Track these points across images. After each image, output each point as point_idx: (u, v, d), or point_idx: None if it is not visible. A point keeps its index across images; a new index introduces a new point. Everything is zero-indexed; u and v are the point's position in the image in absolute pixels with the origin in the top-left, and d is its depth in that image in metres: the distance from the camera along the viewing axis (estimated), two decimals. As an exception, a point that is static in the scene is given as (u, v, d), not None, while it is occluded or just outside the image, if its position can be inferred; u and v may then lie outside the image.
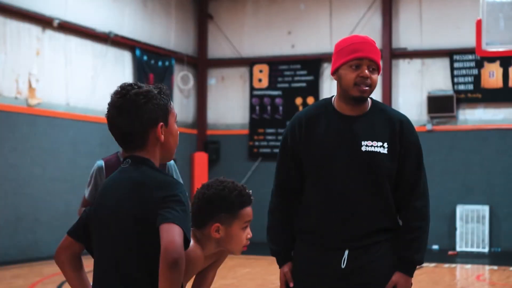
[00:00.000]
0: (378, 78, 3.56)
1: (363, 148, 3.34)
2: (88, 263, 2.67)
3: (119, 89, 2.58)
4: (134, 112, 2.53)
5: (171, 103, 2.66)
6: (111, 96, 2.59)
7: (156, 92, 2.59)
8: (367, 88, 3.34)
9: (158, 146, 2.59)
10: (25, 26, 11.79)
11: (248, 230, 2.89)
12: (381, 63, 3.44)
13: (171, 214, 2.38)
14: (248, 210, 2.88)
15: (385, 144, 3.35)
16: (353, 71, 3.34)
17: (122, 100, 2.54)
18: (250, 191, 2.93)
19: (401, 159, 3.38)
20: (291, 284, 3.49)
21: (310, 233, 3.43)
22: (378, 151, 3.34)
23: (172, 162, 4.52)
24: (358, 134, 3.36)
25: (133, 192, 2.50)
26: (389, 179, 3.36)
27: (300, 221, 3.47)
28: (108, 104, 2.57)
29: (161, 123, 2.57)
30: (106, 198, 2.58)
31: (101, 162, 4.38)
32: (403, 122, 3.41)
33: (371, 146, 3.34)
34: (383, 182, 3.34)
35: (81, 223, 2.65)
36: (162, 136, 2.58)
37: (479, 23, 7.84)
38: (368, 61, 3.35)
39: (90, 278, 2.60)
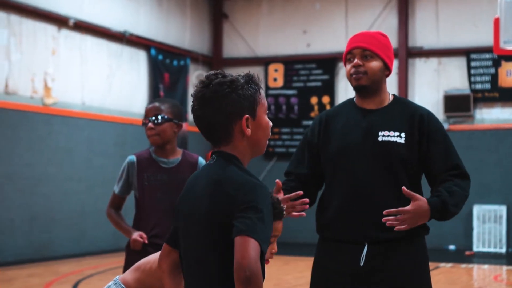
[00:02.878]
0: (394, 78, 3.58)
1: (380, 138, 3.35)
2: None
3: (203, 78, 2.44)
4: (217, 103, 2.37)
5: (261, 92, 2.46)
6: (195, 86, 2.45)
7: (243, 81, 2.41)
8: (361, 75, 3.37)
9: (244, 140, 2.41)
10: (41, 26, 11.82)
11: (274, 245, 2.83)
12: (395, 60, 3.45)
13: (246, 224, 2.21)
14: (277, 225, 2.80)
15: (402, 134, 3.35)
16: (349, 64, 3.43)
17: (205, 90, 2.39)
18: (284, 206, 2.87)
19: (425, 147, 3.35)
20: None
21: (330, 227, 3.42)
22: (394, 140, 3.34)
23: (202, 161, 4.46)
24: (376, 125, 3.38)
25: (210, 190, 2.35)
26: (406, 169, 3.33)
27: (321, 216, 3.48)
28: (192, 95, 2.44)
29: (247, 116, 2.38)
30: (187, 195, 2.45)
31: (133, 157, 4.30)
32: (423, 113, 3.41)
33: (388, 136, 3.35)
34: (398, 171, 3.32)
35: (174, 228, 2.53)
36: (248, 130, 2.39)
37: (496, 22, 7.74)
38: (361, 51, 3.40)
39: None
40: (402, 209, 3.18)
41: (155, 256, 3.02)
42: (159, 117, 4.19)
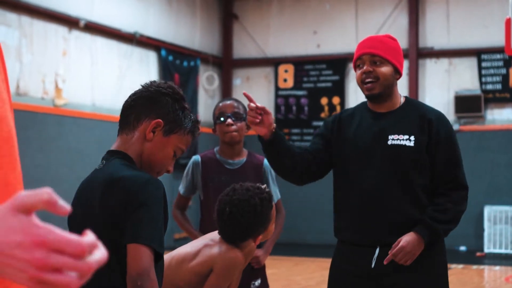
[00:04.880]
0: (404, 78, 3.58)
1: (389, 142, 3.35)
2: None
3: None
4: (148, 95, 2.37)
5: (188, 130, 2.40)
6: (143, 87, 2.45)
7: (180, 100, 2.39)
8: (372, 82, 3.34)
9: (144, 146, 2.36)
10: (52, 27, 11.85)
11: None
12: (405, 61, 3.47)
13: (138, 230, 2.18)
14: (273, 208, 2.90)
15: (412, 137, 3.34)
16: (359, 70, 3.40)
17: (144, 88, 2.42)
18: (264, 186, 2.92)
19: (432, 152, 3.34)
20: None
21: (344, 230, 3.44)
22: (403, 144, 3.33)
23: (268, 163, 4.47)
24: (386, 129, 3.37)
25: (101, 190, 2.31)
26: (418, 172, 3.32)
27: (336, 220, 3.49)
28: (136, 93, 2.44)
29: (160, 121, 2.34)
30: (79, 200, 2.40)
31: (198, 157, 4.27)
32: (431, 116, 3.40)
33: (397, 139, 3.34)
34: (410, 174, 3.31)
35: None
36: (151, 134, 2.33)
37: (508, 22, 7.72)
38: (369, 56, 3.37)
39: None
40: (395, 250, 3.20)
41: (167, 256, 3.02)
42: (240, 115, 4.17)
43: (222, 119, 4.19)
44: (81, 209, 2.36)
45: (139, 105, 2.35)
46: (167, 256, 3.02)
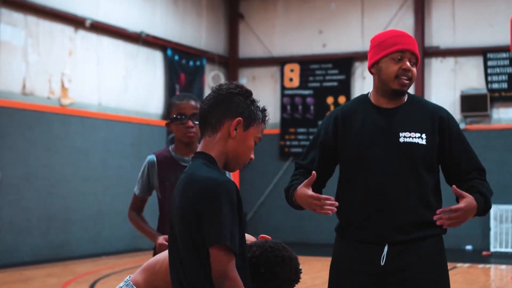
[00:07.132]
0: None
1: (401, 139, 3.31)
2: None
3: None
4: (222, 98, 2.61)
5: (261, 119, 2.67)
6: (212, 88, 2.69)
7: (249, 95, 2.66)
8: (407, 81, 3.34)
9: (227, 143, 2.60)
10: (58, 27, 11.88)
11: None
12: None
13: (211, 233, 2.39)
14: None
15: (424, 135, 3.32)
16: (395, 64, 3.34)
17: (215, 93, 2.65)
18: (301, 268, 2.94)
19: (447, 149, 3.34)
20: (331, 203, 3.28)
21: (350, 227, 3.39)
22: (416, 142, 3.31)
23: None
24: (396, 126, 3.34)
25: (183, 189, 2.53)
26: (428, 171, 3.31)
27: (340, 216, 3.45)
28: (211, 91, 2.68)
29: (240, 119, 2.59)
30: (173, 199, 2.65)
31: (153, 157, 4.20)
32: (442, 114, 3.40)
33: (409, 137, 3.31)
34: (421, 173, 3.30)
35: None
36: (235, 132, 2.59)
37: (514, 20, 7.71)
38: (410, 54, 3.36)
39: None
40: (456, 207, 3.18)
41: (164, 256, 3.02)
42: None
43: (182, 119, 4.11)
44: (174, 209, 2.61)
45: (218, 109, 2.60)
46: (154, 259, 3.03)
